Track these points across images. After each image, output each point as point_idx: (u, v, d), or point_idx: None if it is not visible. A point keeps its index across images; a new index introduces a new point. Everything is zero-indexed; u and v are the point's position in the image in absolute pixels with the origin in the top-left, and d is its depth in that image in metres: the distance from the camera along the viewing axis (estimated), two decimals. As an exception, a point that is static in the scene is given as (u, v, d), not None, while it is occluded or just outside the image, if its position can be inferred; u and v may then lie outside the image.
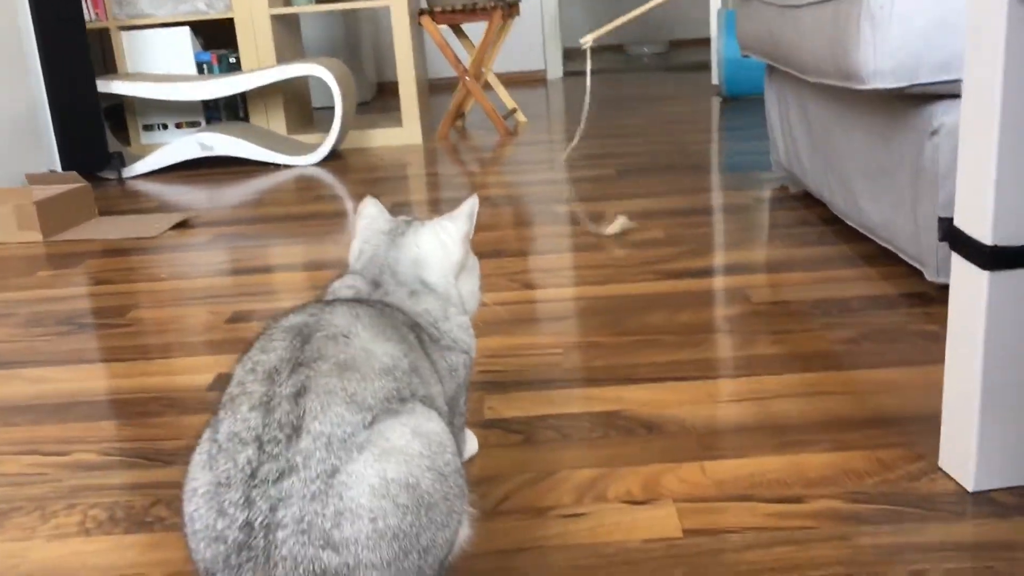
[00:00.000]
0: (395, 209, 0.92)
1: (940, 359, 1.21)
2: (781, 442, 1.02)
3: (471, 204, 0.91)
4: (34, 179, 2.44)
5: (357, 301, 0.80)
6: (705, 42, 6.44)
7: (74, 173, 2.45)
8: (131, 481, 1.04)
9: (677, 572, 0.81)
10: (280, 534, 0.61)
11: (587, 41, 1.19)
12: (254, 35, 3.22)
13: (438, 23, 3.42)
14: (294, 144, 3.24)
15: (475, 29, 4.97)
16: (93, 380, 1.35)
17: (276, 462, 0.63)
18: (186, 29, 3.21)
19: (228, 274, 1.85)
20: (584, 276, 1.67)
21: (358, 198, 2.51)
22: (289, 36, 3.47)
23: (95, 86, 2.85)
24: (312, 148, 3.14)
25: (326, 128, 3.44)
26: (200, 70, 3.26)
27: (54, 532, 0.95)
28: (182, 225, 2.29)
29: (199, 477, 0.66)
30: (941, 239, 0.86)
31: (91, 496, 1.01)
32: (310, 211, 2.37)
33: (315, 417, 0.64)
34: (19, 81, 2.60)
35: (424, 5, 3.70)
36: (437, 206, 2.38)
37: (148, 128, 3.37)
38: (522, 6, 5.13)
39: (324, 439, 0.63)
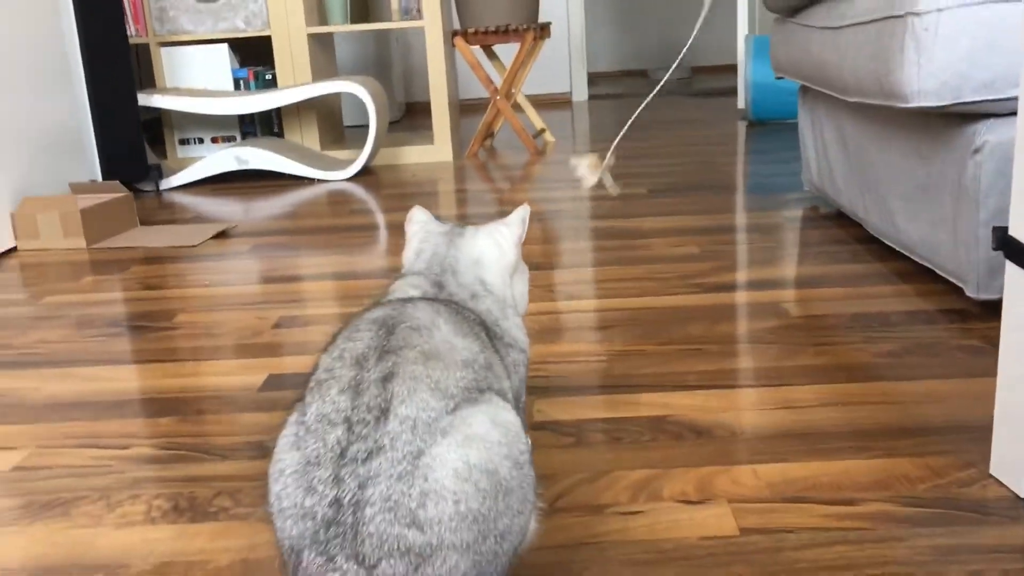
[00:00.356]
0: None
1: (983, 372, 1.22)
2: (830, 448, 1.04)
3: (524, 211, 0.95)
4: (77, 188, 2.50)
5: (432, 299, 0.83)
6: (727, 68, 6.50)
7: (116, 183, 2.50)
8: (191, 474, 1.07)
9: (737, 568, 0.82)
10: (368, 511, 0.64)
11: None
12: (290, 53, 3.28)
13: (471, 44, 3.47)
14: (327, 159, 3.29)
15: (505, 51, 5.04)
16: (146, 379, 1.38)
17: (365, 442, 0.65)
18: (224, 46, 3.28)
19: (270, 282, 1.88)
20: (620, 289, 1.69)
21: (391, 212, 2.54)
22: (324, 54, 3.54)
23: (136, 100, 2.91)
24: (345, 164, 3.19)
25: (357, 145, 3.49)
26: (237, 86, 3.32)
27: (121, 520, 0.97)
28: (221, 235, 2.33)
29: (286, 458, 0.68)
30: (995, 248, 0.88)
31: (154, 487, 1.04)
32: (345, 224, 2.41)
33: (402, 401, 0.67)
34: (64, 93, 2.67)
35: (457, 26, 3.76)
36: (467, 221, 2.41)
37: (184, 142, 3.43)
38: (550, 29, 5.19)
39: (411, 422, 0.66)
